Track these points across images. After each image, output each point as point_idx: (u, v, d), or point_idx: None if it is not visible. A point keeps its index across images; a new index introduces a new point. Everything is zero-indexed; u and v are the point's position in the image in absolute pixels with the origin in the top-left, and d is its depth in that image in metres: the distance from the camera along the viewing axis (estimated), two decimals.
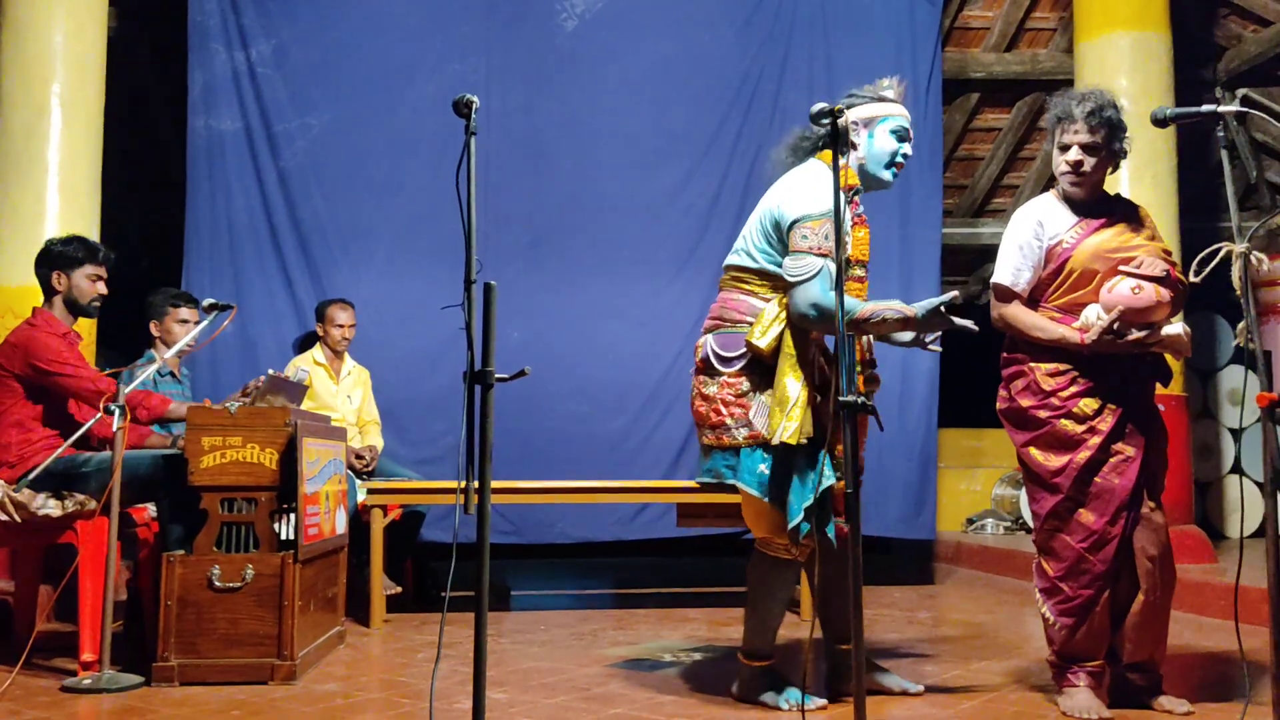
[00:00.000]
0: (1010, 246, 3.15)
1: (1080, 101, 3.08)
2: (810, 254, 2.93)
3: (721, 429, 3.03)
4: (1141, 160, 5.60)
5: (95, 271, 3.80)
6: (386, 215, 5.52)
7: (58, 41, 4.86)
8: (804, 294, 2.93)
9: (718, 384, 3.05)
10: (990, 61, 7.08)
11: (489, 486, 2.36)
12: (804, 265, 2.94)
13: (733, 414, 3.01)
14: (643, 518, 5.57)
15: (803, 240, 2.95)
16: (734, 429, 3.00)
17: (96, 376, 3.62)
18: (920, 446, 5.94)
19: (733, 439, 3.00)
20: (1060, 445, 3.02)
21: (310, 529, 3.51)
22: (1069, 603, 2.98)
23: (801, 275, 2.94)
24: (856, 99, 3.20)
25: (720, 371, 3.05)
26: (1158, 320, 2.95)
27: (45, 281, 3.78)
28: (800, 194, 3.01)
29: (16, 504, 3.43)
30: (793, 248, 2.97)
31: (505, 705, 3.05)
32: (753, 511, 3.07)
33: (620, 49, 5.84)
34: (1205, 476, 7.36)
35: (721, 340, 3.07)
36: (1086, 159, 3.07)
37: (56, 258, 3.76)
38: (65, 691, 3.18)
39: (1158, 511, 3.03)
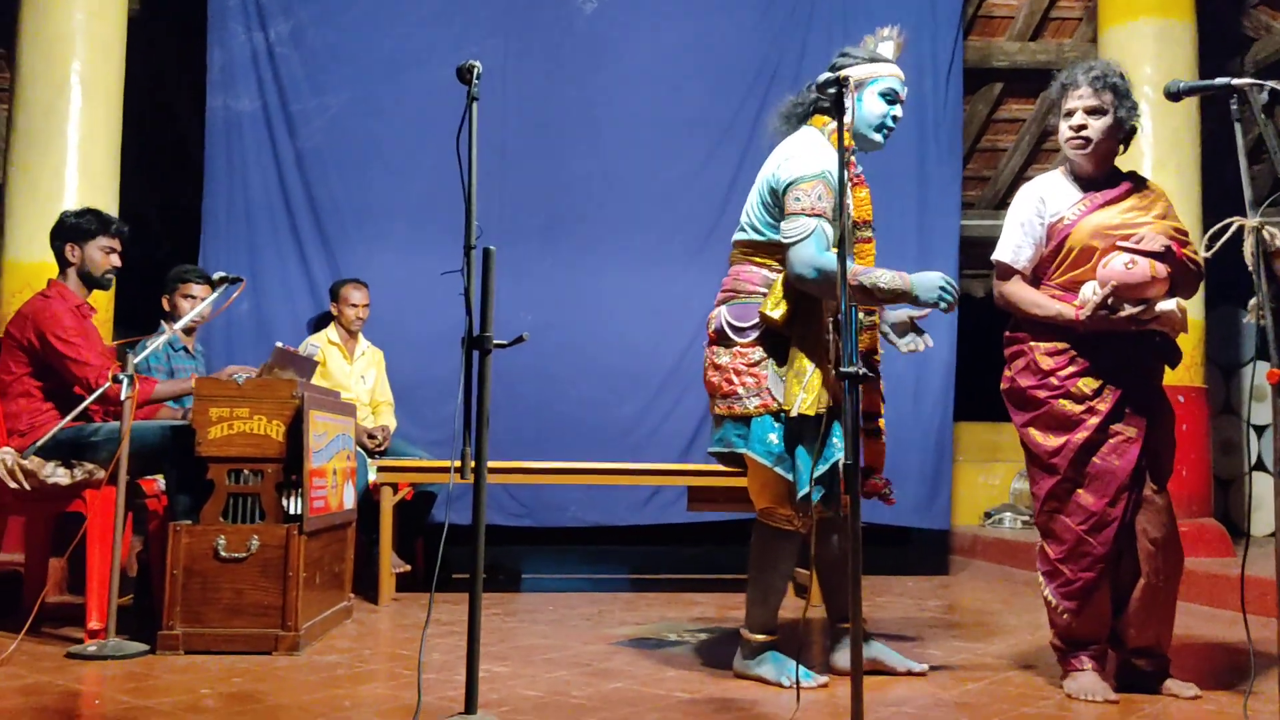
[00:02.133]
0: (1012, 223, 3.12)
1: (1086, 70, 3.03)
2: (803, 215, 2.94)
3: (733, 398, 3.02)
4: (1165, 148, 5.55)
5: (108, 244, 3.82)
6: (402, 196, 5.53)
7: (78, 20, 4.90)
8: (800, 254, 2.93)
9: (730, 354, 3.05)
10: (1014, 50, 7.01)
11: (485, 453, 2.35)
12: (798, 226, 2.94)
13: (744, 383, 3.01)
14: (655, 502, 5.55)
15: (795, 202, 2.96)
16: (745, 398, 3.00)
17: (99, 365, 3.59)
18: (935, 436, 5.90)
19: (744, 408, 3.00)
20: (1058, 425, 2.98)
21: (316, 502, 3.51)
22: (1070, 585, 2.95)
23: (796, 236, 2.94)
24: (850, 59, 3.18)
25: (734, 341, 3.05)
26: (1152, 297, 2.89)
27: (59, 254, 3.81)
28: (792, 159, 3.02)
29: (26, 472, 3.46)
30: (787, 210, 2.98)
31: (506, 678, 3.05)
32: (759, 481, 3.06)
33: (638, 32, 5.82)
34: (1227, 473, 7.27)
35: (736, 311, 3.07)
36: (1091, 122, 3.00)
37: (70, 230, 3.79)
38: (70, 658, 3.20)
39: (1161, 494, 2.97)
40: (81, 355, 3.59)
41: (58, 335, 3.58)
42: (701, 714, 2.67)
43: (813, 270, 2.90)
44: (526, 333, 2.44)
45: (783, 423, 2.97)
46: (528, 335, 2.42)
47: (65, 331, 3.60)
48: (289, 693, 2.82)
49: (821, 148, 3.04)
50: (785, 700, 2.72)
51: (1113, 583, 2.95)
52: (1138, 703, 2.87)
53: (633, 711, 2.67)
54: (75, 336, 3.62)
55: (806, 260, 2.91)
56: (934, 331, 5.88)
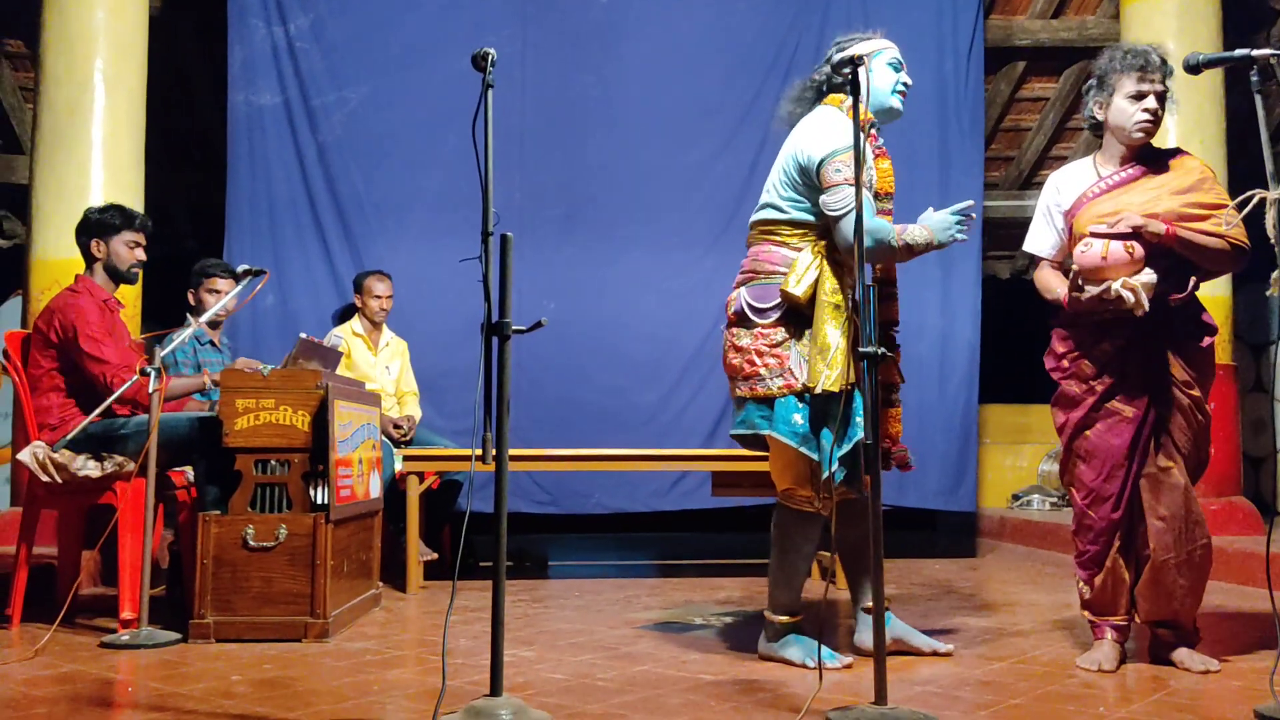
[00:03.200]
0: (1037, 213, 3.27)
1: (1152, 52, 3.09)
2: (847, 185, 2.94)
3: (755, 380, 3.02)
4: (1189, 125, 5.50)
5: (134, 238, 3.86)
6: (423, 187, 5.56)
7: (100, 18, 4.95)
8: (847, 227, 2.93)
9: (751, 335, 3.04)
10: (1036, 29, 6.95)
11: (506, 438, 2.37)
12: (844, 196, 2.94)
13: (767, 364, 3.01)
14: (679, 489, 5.57)
15: (837, 174, 2.96)
16: (768, 379, 3.00)
17: (117, 364, 3.62)
18: (960, 419, 5.88)
19: (767, 389, 3.00)
20: (1067, 404, 3.13)
21: (342, 490, 3.55)
22: (1081, 556, 3.09)
23: (844, 206, 2.94)
24: (846, 41, 3.23)
25: (755, 323, 3.04)
26: (1109, 278, 2.90)
27: (85, 250, 3.85)
28: (821, 134, 3.03)
29: (57, 465, 3.50)
30: (828, 183, 2.98)
31: (532, 662, 3.07)
32: (781, 463, 3.06)
33: (656, 18, 5.82)
34: (1258, 451, 7.20)
35: (756, 292, 3.06)
36: (1159, 108, 3.07)
37: (95, 225, 3.83)
38: (104, 647, 3.25)
39: (1173, 471, 2.98)
40: (102, 353, 3.62)
41: (82, 331, 3.62)
42: (726, 696, 2.68)
43: (869, 238, 2.89)
44: (545, 318, 2.45)
45: (807, 403, 2.97)
46: (546, 320, 2.43)
47: (89, 327, 3.64)
48: (318, 678, 2.86)
49: (845, 123, 3.04)
50: (809, 681, 2.73)
51: (1132, 556, 3.02)
52: (1163, 679, 2.86)
53: (657, 694, 2.69)
54: (99, 333, 3.65)
55: (852, 231, 2.89)
56: (958, 313, 5.91)
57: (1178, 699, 2.67)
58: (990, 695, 2.68)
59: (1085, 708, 2.55)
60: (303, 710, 2.51)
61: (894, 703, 2.43)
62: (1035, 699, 2.64)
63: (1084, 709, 2.54)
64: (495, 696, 2.33)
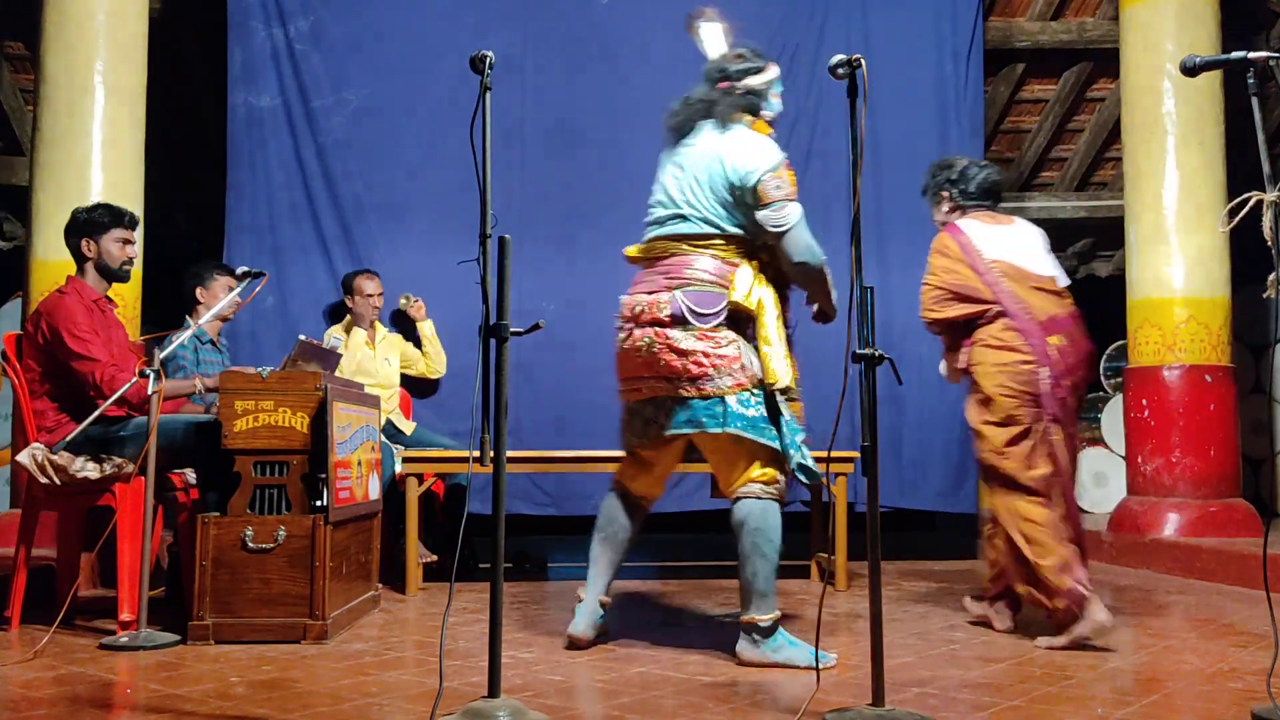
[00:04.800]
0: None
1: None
2: (788, 201, 3.10)
3: (704, 380, 3.09)
4: (1188, 127, 5.50)
5: (123, 235, 3.85)
6: (423, 189, 5.56)
7: (100, 21, 4.95)
8: (799, 239, 3.12)
9: (695, 337, 3.11)
10: (1036, 30, 6.96)
11: (504, 439, 2.37)
12: (787, 213, 3.10)
13: (715, 364, 3.08)
14: (678, 490, 5.56)
15: (777, 190, 3.10)
16: (718, 378, 3.08)
17: (105, 362, 3.60)
18: (961, 421, 5.83)
19: (717, 389, 3.08)
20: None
21: (341, 493, 3.55)
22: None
23: (788, 223, 3.10)
24: (750, 64, 3.32)
25: (696, 326, 3.11)
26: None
27: (75, 250, 3.83)
28: (752, 152, 3.14)
29: (56, 467, 3.51)
30: (767, 200, 3.09)
31: (530, 663, 3.08)
32: (733, 458, 3.14)
33: (656, 22, 5.80)
34: (1257, 453, 7.20)
35: (696, 297, 3.13)
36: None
37: (83, 225, 3.82)
38: (103, 649, 3.25)
39: None
40: (89, 351, 3.60)
41: (67, 330, 3.60)
42: (724, 698, 2.68)
43: (814, 254, 3.13)
44: (543, 320, 2.45)
45: (759, 399, 3.10)
46: (544, 322, 2.44)
47: (75, 327, 3.62)
48: (317, 680, 2.86)
49: (770, 142, 3.21)
50: (805, 681, 2.73)
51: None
52: (1161, 680, 2.86)
53: (655, 695, 2.69)
54: (84, 332, 3.63)
55: (807, 243, 3.13)
56: None
57: (1175, 700, 2.68)
58: (988, 697, 2.68)
59: (1082, 709, 2.55)
60: (301, 712, 2.52)
61: (891, 704, 2.44)
62: (1032, 700, 2.64)
63: (1081, 710, 2.54)
64: (493, 698, 2.33)
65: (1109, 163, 7.60)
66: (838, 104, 5.49)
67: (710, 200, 3.17)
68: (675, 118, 3.36)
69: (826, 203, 5.82)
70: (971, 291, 3.60)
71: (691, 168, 3.23)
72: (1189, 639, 3.55)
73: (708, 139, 3.24)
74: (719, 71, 3.32)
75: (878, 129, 5.81)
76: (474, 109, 2.44)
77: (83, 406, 3.58)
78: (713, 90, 3.30)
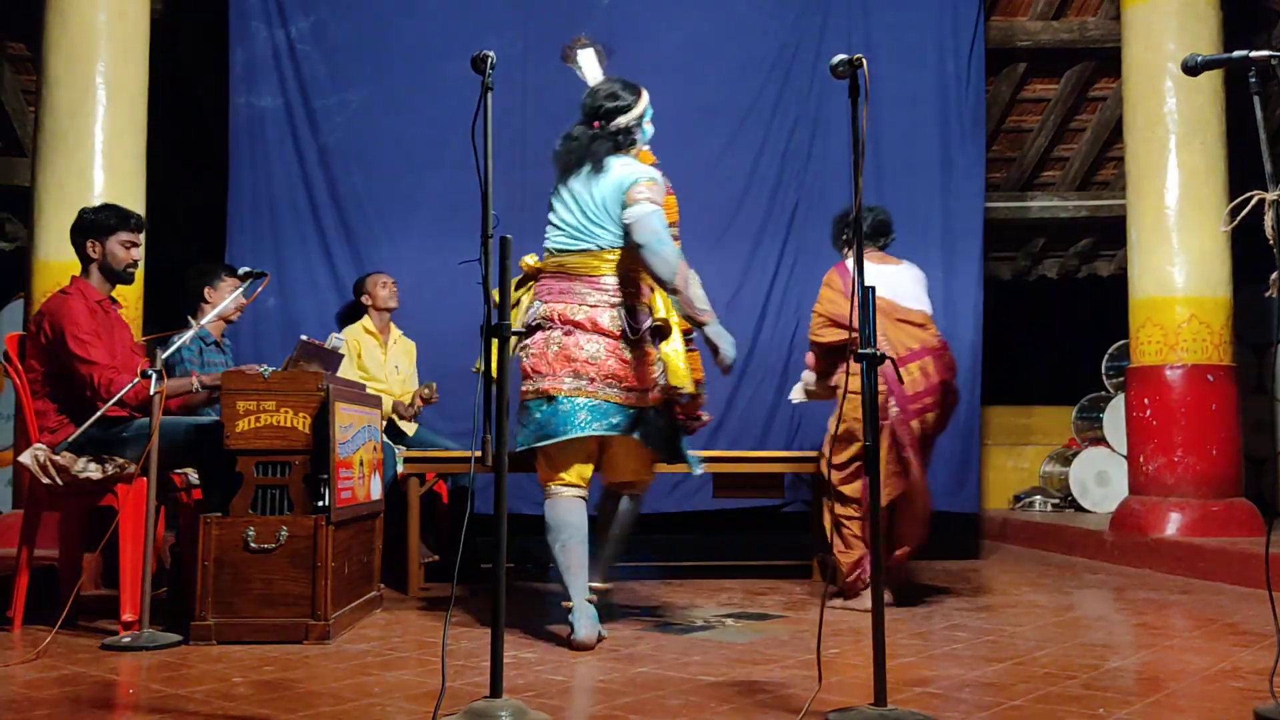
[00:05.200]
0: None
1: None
2: (645, 200, 3.42)
3: (639, 390, 3.49)
4: (1189, 126, 5.50)
5: (129, 238, 3.85)
6: (425, 190, 5.56)
7: (101, 21, 4.95)
8: (648, 224, 3.40)
9: (632, 351, 3.49)
10: (1037, 30, 6.96)
11: (506, 438, 2.37)
12: (641, 209, 3.41)
13: (641, 378, 3.50)
14: (680, 490, 5.57)
15: (640, 192, 3.43)
16: (645, 392, 3.51)
17: (105, 364, 3.59)
18: (963, 420, 5.86)
19: (642, 400, 3.51)
20: None
21: (343, 493, 3.55)
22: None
23: (637, 215, 3.41)
24: (620, 102, 3.61)
25: (633, 340, 3.49)
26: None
27: (81, 251, 3.83)
28: (629, 172, 3.50)
29: (58, 467, 3.50)
30: (631, 200, 3.43)
31: (533, 664, 3.08)
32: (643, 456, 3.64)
33: (656, 22, 5.83)
34: (1260, 453, 7.20)
35: (631, 314, 3.52)
36: None
37: (90, 226, 3.82)
38: (105, 649, 3.25)
39: None
40: (89, 354, 3.59)
41: (68, 332, 3.59)
42: (727, 697, 2.68)
43: (659, 239, 3.39)
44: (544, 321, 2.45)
45: (662, 410, 3.60)
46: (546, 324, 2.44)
47: (76, 328, 3.61)
48: (319, 680, 2.86)
49: (647, 166, 3.58)
50: (808, 683, 2.73)
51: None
52: (1163, 680, 2.86)
53: (658, 695, 2.69)
54: (86, 334, 3.62)
55: (653, 228, 3.39)
56: (960, 314, 5.91)
57: (1177, 700, 2.68)
58: (990, 696, 2.68)
59: (1085, 709, 2.55)
60: (304, 712, 2.52)
61: (894, 704, 2.44)
62: (1035, 700, 2.64)
63: (1083, 710, 2.54)
64: (495, 698, 2.34)
65: (1111, 162, 7.60)
66: (838, 104, 5.51)
67: (613, 223, 3.49)
68: (560, 157, 3.65)
69: (827, 202, 5.81)
70: (843, 319, 4.01)
71: (591, 204, 3.53)
72: (1191, 639, 3.55)
73: (599, 180, 3.53)
74: (593, 110, 3.62)
75: (878, 129, 5.80)
76: (475, 109, 2.44)
77: (85, 407, 3.57)
78: (588, 129, 3.60)
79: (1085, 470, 7.22)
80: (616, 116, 3.58)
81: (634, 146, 3.62)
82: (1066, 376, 8.08)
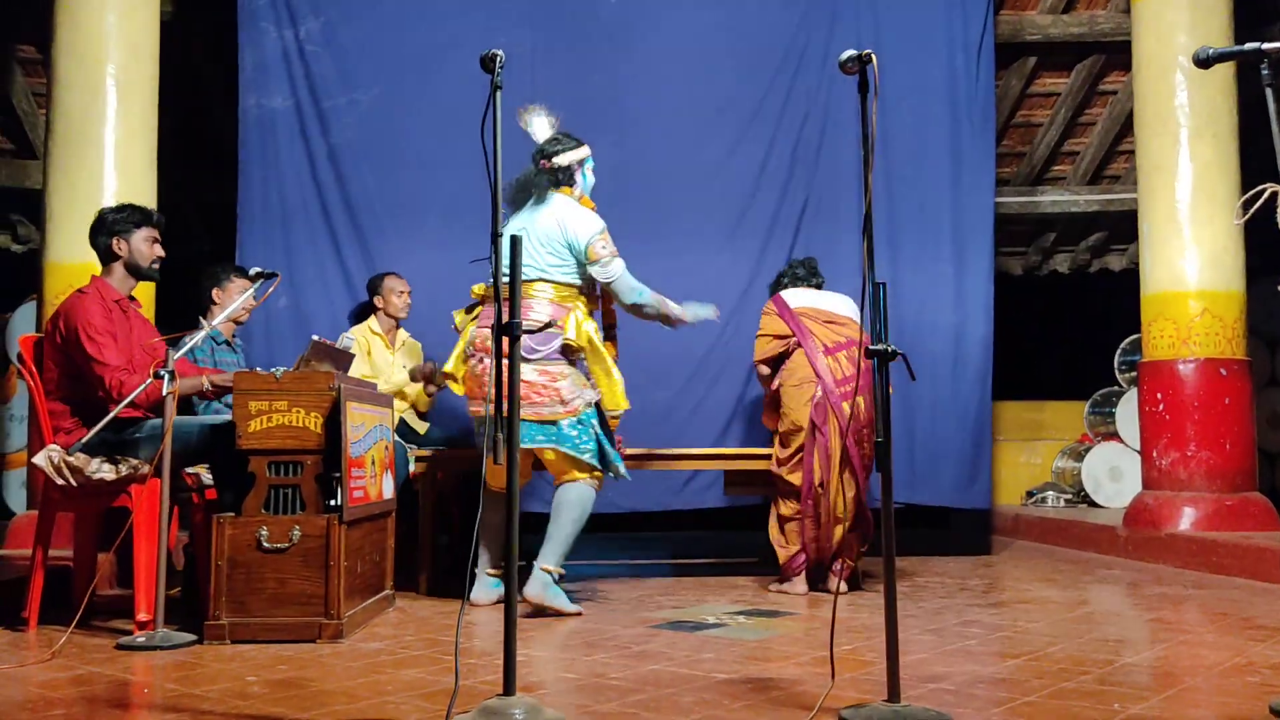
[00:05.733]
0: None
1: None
2: (614, 257, 4.07)
3: (541, 406, 3.90)
4: (1201, 119, 5.48)
5: (152, 234, 3.87)
6: (435, 189, 5.56)
7: (110, 23, 4.97)
8: (628, 284, 4.10)
9: (536, 371, 3.89)
10: (1047, 23, 6.94)
11: (517, 437, 2.37)
12: (615, 266, 4.07)
13: (549, 396, 3.90)
14: (692, 487, 5.56)
15: (604, 249, 4.04)
16: (552, 405, 3.90)
17: (116, 366, 3.59)
18: (974, 415, 5.85)
19: (553, 414, 3.91)
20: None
21: (355, 492, 3.56)
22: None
23: (617, 274, 4.08)
24: (562, 145, 4.17)
25: (533, 362, 3.88)
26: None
27: (105, 249, 3.84)
28: (578, 220, 4.04)
29: (72, 468, 3.51)
30: (596, 257, 4.02)
31: (545, 661, 3.08)
32: (564, 464, 3.99)
33: (665, 18, 5.82)
34: (1274, 447, 7.17)
35: (537, 339, 3.88)
36: None
37: (113, 224, 3.83)
38: (120, 649, 3.26)
39: None
40: (102, 355, 3.59)
41: (83, 332, 3.60)
42: (739, 694, 2.68)
43: (640, 294, 4.11)
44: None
45: (583, 421, 3.97)
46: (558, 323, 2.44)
47: (92, 329, 3.61)
48: (333, 679, 2.87)
49: (589, 211, 4.13)
50: (821, 679, 2.73)
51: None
52: (1178, 675, 2.85)
53: (671, 692, 2.69)
54: (101, 335, 3.62)
55: (631, 286, 4.09)
56: (970, 309, 5.89)
57: (1193, 695, 2.66)
58: (1004, 692, 2.68)
59: (1099, 704, 2.54)
60: (318, 710, 2.52)
61: (907, 700, 2.44)
62: (1049, 696, 2.63)
63: (1097, 705, 2.53)
64: (508, 696, 2.33)
65: (1122, 156, 7.58)
66: (848, 100, 5.50)
67: (546, 254, 4.00)
68: (507, 192, 4.14)
69: (836, 200, 5.82)
70: (780, 330, 4.66)
71: (533, 231, 4.01)
72: (1206, 633, 3.54)
73: (540, 210, 4.09)
74: (539, 153, 4.18)
75: (888, 124, 5.78)
76: (485, 108, 2.45)
77: (99, 409, 3.58)
78: (535, 169, 4.17)
79: (1098, 465, 7.20)
80: (556, 156, 4.13)
81: (573, 186, 4.15)
82: (1078, 371, 8.06)
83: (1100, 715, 2.44)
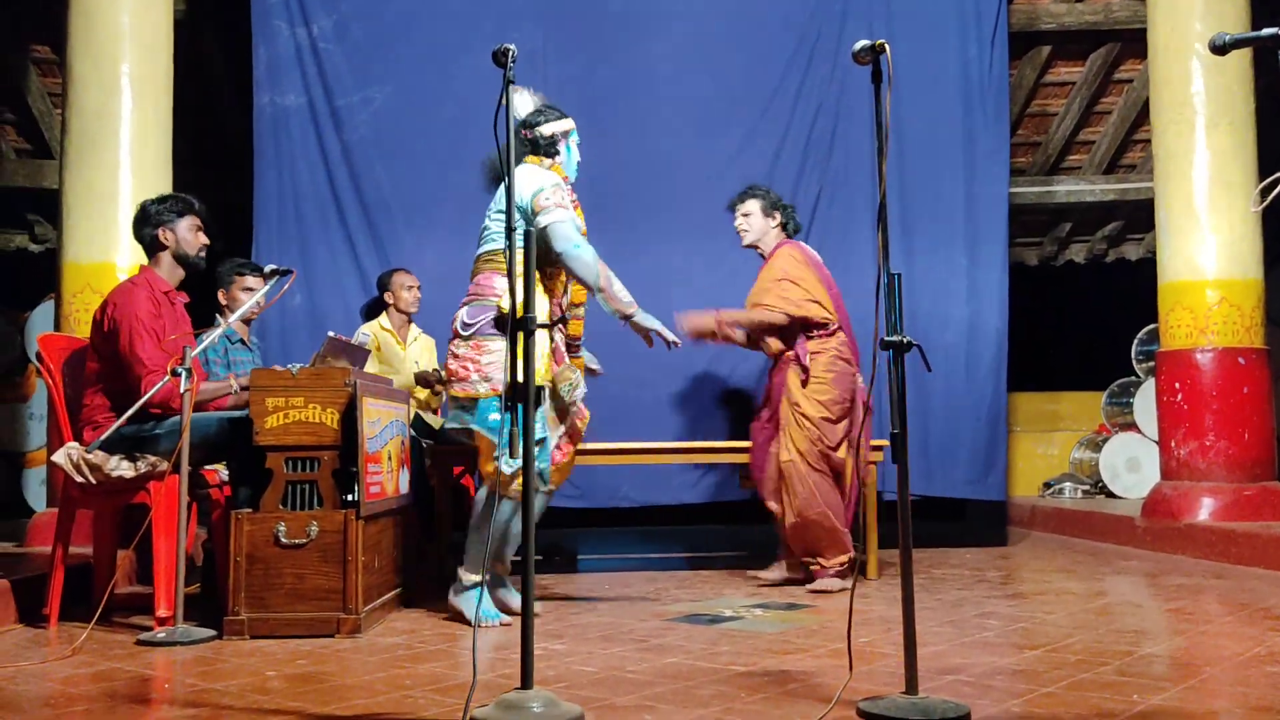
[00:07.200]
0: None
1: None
2: (554, 207, 3.68)
3: (467, 383, 3.65)
4: (1216, 106, 5.44)
5: (196, 222, 3.88)
6: (449, 185, 5.57)
7: (125, 22, 4.98)
8: (563, 232, 3.67)
9: (467, 347, 3.66)
10: (1061, 12, 6.90)
11: (532, 431, 2.38)
12: (555, 214, 3.68)
13: (477, 371, 3.63)
14: (706, 481, 5.56)
15: (547, 200, 3.69)
16: (476, 383, 3.63)
17: (150, 367, 3.59)
18: (989, 407, 5.83)
19: (475, 391, 3.64)
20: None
21: (372, 487, 3.57)
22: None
23: (554, 219, 3.67)
24: (545, 115, 3.94)
25: (465, 337, 3.67)
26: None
27: (150, 240, 3.84)
28: (528, 180, 3.75)
29: (91, 466, 3.54)
30: (540, 208, 3.68)
31: (563, 655, 3.09)
32: (485, 447, 3.66)
33: (676, 11, 5.81)
34: None
35: (471, 312, 3.68)
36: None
37: (157, 215, 3.83)
38: (140, 645, 3.28)
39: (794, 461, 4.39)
40: (142, 352, 3.61)
41: (129, 326, 3.61)
42: (757, 687, 2.68)
43: (571, 243, 3.65)
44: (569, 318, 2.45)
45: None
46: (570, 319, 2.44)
47: (138, 323, 3.62)
48: (351, 673, 2.88)
49: (545, 171, 3.84)
50: (839, 671, 2.73)
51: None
52: (1197, 666, 2.84)
53: (689, 685, 2.70)
54: (145, 330, 3.63)
55: (565, 234, 3.66)
56: (985, 301, 5.87)
57: (1212, 685, 2.65)
58: (1023, 684, 2.67)
59: (1118, 695, 2.53)
60: (337, 704, 2.54)
61: (925, 692, 2.43)
62: (1068, 687, 2.62)
63: (1116, 696, 2.52)
64: (526, 689, 2.34)
65: (1138, 144, 7.53)
66: (861, 90, 5.48)
67: (498, 223, 3.73)
68: (487, 173, 4.04)
69: (850, 191, 5.80)
70: (821, 296, 4.53)
71: (492, 204, 3.86)
72: (1225, 624, 3.52)
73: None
74: (520, 123, 3.94)
75: (901, 115, 5.76)
76: (497, 103, 2.45)
77: (128, 404, 3.59)
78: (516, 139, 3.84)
79: (1116, 456, 7.17)
80: (540, 125, 3.92)
81: (555, 157, 3.91)
82: (1095, 362, 8.02)
83: (1119, 706, 2.43)
